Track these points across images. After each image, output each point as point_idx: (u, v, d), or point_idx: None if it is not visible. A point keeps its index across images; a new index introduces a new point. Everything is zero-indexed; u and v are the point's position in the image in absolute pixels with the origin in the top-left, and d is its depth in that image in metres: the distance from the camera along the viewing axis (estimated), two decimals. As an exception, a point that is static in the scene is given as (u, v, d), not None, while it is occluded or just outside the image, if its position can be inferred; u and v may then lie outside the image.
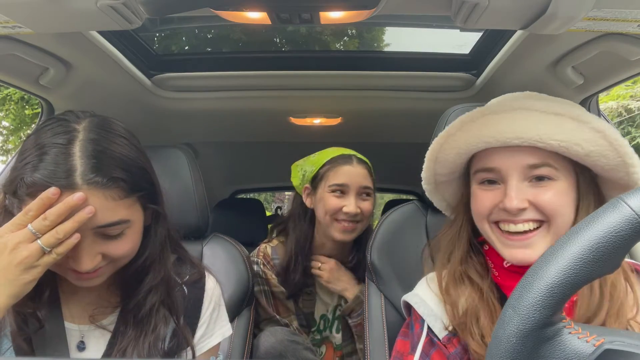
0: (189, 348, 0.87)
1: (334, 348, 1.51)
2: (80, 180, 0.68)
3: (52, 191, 0.66)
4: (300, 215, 1.49)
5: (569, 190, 0.75)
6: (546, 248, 0.71)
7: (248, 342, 1.20)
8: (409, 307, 0.90)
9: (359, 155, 1.46)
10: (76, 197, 0.66)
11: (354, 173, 1.39)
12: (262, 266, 1.46)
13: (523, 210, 0.73)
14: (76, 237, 0.68)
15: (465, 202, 0.87)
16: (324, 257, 1.46)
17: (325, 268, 1.44)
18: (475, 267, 0.83)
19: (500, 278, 0.81)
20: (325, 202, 1.39)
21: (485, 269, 0.84)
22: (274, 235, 1.58)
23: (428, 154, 0.87)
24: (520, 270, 0.77)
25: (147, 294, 0.82)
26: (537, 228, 0.75)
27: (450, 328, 0.80)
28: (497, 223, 0.78)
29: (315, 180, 1.44)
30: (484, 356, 0.72)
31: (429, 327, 0.83)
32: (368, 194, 1.41)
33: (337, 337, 1.51)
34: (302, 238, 1.45)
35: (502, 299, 0.80)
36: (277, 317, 1.45)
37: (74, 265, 0.72)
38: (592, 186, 0.78)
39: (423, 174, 0.91)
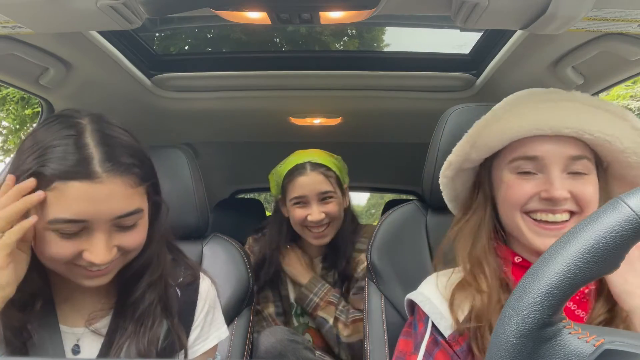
0: (182, 351, 0.86)
1: (316, 331, 1.53)
2: (99, 169, 0.67)
3: (11, 178, 0.69)
4: (277, 222, 1.56)
5: (597, 184, 0.78)
6: None
7: (248, 342, 1.20)
8: (412, 306, 0.90)
9: (315, 160, 1.46)
10: (28, 182, 0.67)
11: (309, 182, 1.43)
12: None
13: (565, 200, 0.74)
14: (34, 218, 0.67)
15: (486, 192, 0.86)
16: (291, 247, 1.55)
17: (284, 254, 1.52)
18: (490, 263, 0.83)
19: (509, 274, 0.81)
20: (292, 214, 1.46)
21: (498, 265, 0.83)
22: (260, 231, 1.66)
23: (466, 137, 0.85)
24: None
25: (145, 289, 0.81)
26: (569, 220, 0.77)
27: (454, 328, 0.80)
28: (528, 213, 0.78)
29: (283, 193, 1.49)
30: None
31: (433, 326, 0.82)
32: (330, 197, 1.44)
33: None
34: (274, 243, 1.53)
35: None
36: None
37: (90, 258, 0.69)
38: (603, 182, 0.80)
39: (452, 158, 0.88)
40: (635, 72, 1.16)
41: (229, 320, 1.16)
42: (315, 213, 1.41)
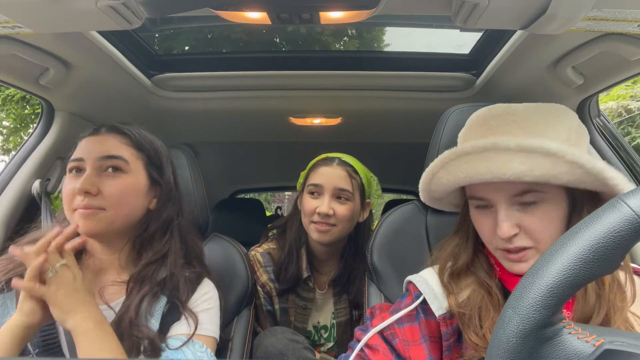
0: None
1: (320, 350, 1.51)
2: (103, 130, 0.97)
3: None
4: (294, 216, 1.49)
5: (559, 204, 0.75)
6: None
7: (248, 342, 1.20)
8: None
9: (345, 158, 1.42)
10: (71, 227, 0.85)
11: (330, 174, 1.37)
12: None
13: (515, 236, 0.75)
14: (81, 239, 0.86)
15: (467, 213, 0.87)
16: None
17: None
18: (482, 267, 0.85)
19: (504, 274, 0.83)
20: (304, 203, 1.39)
21: (491, 268, 0.85)
22: (270, 237, 1.57)
23: (420, 186, 0.90)
24: None
25: (149, 262, 0.95)
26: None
27: (446, 310, 0.82)
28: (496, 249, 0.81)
29: (304, 181, 1.45)
30: (479, 346, 0.75)
31: (421, 305, 0.84)
32: (345, 197, 1.36)
33: (329, 345, 1.51)
34: (297, 236, 1.46)
35: (507, 294, 0.81)
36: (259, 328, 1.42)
37: (78, 184, 0.88)
38: (587, 192, 0.76)
39: (420, 196, 0.94)
40: (635, 72, 1.15)
41: (229, 320, 1.16)
42: (324, 205, 1.33)
